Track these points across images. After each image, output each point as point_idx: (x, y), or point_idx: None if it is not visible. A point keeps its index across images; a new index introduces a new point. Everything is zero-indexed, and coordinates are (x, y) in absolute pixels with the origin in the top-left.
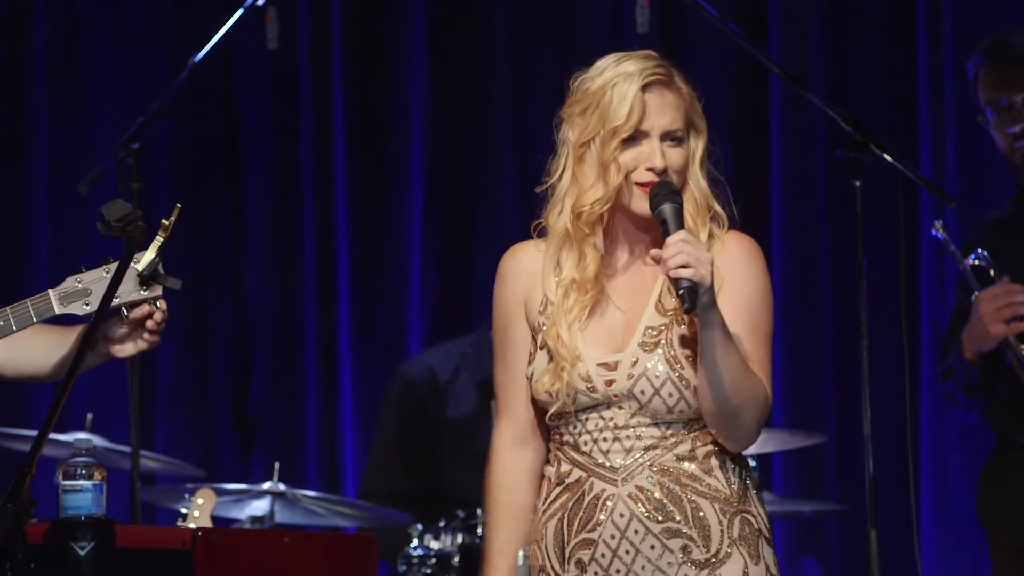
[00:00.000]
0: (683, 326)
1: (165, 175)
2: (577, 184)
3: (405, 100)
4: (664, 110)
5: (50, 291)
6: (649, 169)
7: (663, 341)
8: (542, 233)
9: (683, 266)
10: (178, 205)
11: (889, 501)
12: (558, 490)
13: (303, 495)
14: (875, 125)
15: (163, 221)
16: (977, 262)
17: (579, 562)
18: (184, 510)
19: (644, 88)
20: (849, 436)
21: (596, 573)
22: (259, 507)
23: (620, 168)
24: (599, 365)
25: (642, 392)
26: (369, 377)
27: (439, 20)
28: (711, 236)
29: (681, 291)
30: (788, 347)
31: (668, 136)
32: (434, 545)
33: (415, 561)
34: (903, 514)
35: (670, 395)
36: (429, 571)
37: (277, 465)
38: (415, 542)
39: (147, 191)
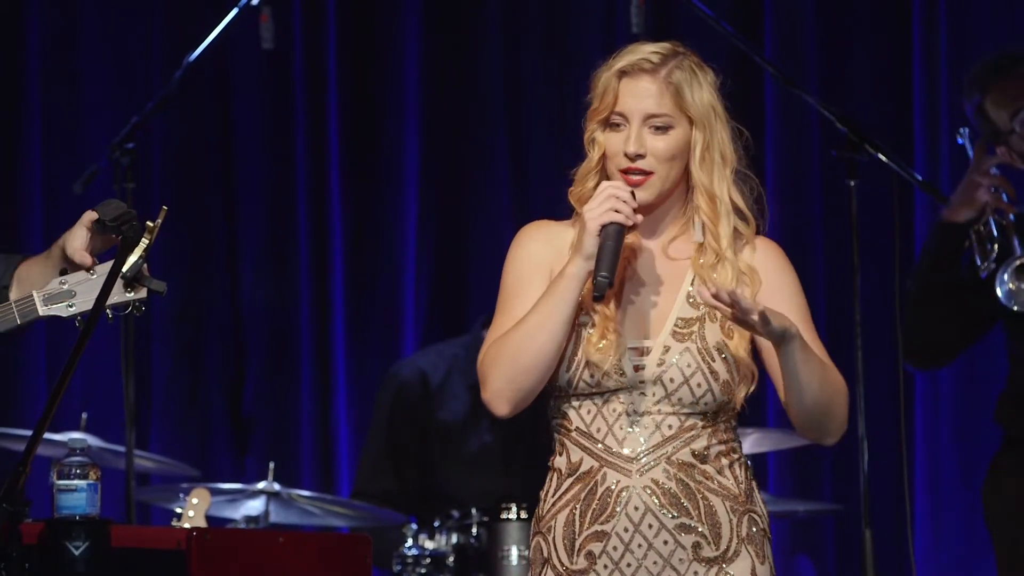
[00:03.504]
0: (715, 321)
1: (160, 175)
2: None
3: (399, 100)
4: (642, 95)
5: (34, 292)
6: (625, 155)
7: (695, 333)
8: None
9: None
10: (164, 208)
11: (883, 501)
12: (569, 480)
13: (298, 495)
14: (870, 125)
15: (148, 223)
16: (963, 141)
17: (589, 554)
18: (179, 510)
19: (625, 74)
20: (844, 436)
21: (606, 566)
22: (254, 507)
23: (598, 147)
24: (630, 349)
25: (671, 380)
26: (363, 377)
27: (433, 20)
28: (738, 235)
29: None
30: None
31: (650, 123)
32: (429, 545)
33: (410, 561)
34: (897, 514)
35: (699, 385)
36: (424, 571)
37: (272, 465)
38: (410, 542)
39: (142, 191)
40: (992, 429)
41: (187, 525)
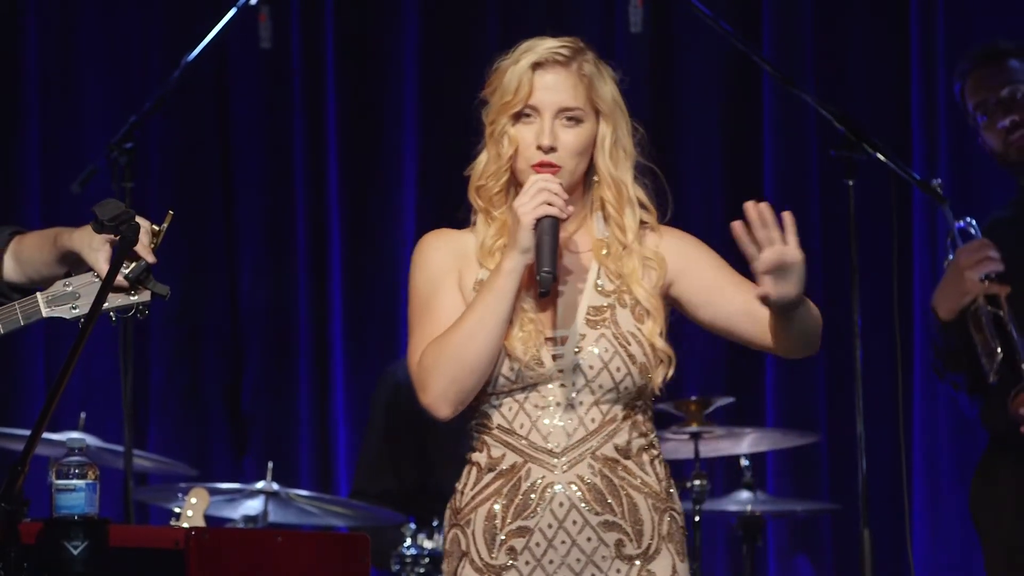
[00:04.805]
0: (626, 308)
1: (158, 174)
2: (487, 162)
3: (398, 100)
4: (556, 88)
5: (38, 294)
6: (538, 148)
7: (608, 320)
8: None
9: None
10: (170, 212)
11: (882, 500)
12: (490, 476)
13: (296, 495)
14: (868, 124)
15: (153, 227)
16: (969, 229)
17: (511, 549)
18: (177, 509)
19: (538, 66)
20: (842, 435)
21: (528, 562)
22: (252, 507)
23: (511, 141)
24: (546, 340)
25: (590, 367)
26: (362, 377)
27: (432, 20)
28: (644, 225)
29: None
30: None
31: (563, 115)
32: (427, 544)
33: (408, 560)
34: (896, 513)
35: (618, 369)
36: (422, 570)
37: (270, 464)
38: (408, 541)
39: (140, 190)
40: None
41: (186, 525)
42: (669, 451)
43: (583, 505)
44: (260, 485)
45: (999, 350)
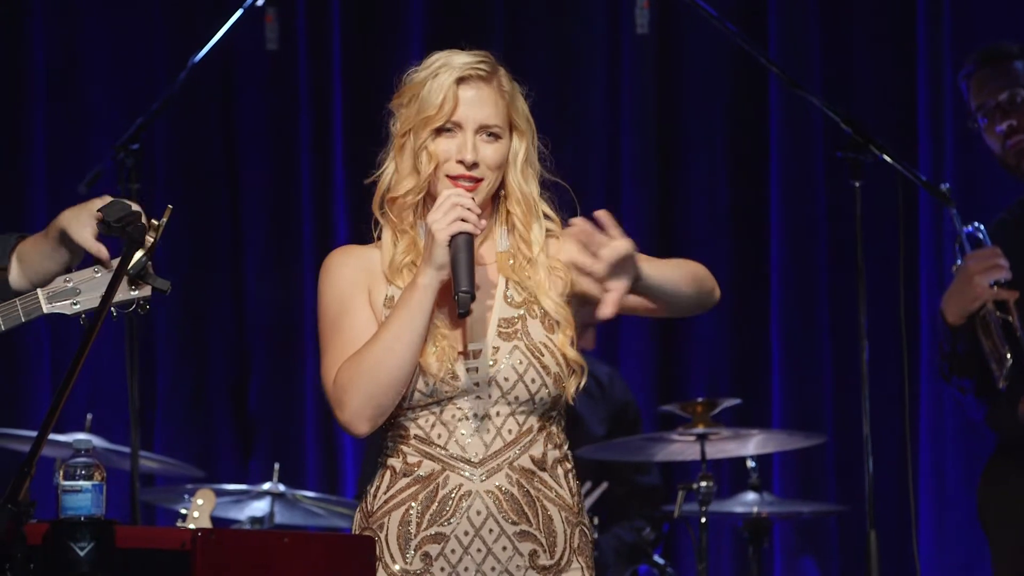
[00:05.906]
0: (536, 318)
1: (164, 176)
2: (397, 174)
3: None
4: (480, 104)
5: (39, 290)
6: (459, 162)
7: (519, 331)
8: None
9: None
10: (169, 206)
11: (888, 502)
12: (405, 480)
13: (303, 496)
14: (874, 126)
15: (153, 221)
16: (977, 234)
17: (426, 555)
18: (184, 511)
19: (461, 81)
20: (848, 437)
21: (443, 568)
22: (259, 508)
23: (431, 157)
24: (459, 354)
25: (506, 379)
26: None
27: (437, 22)
28: (549, 235)
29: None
30: (787, 348)
31: (484, 131)
32: None
33: None
34: (902, 515)
35: (533, 381)
36: None
37: (277, 466)
38: None
39: (146, 191)
40: None
41: (192, 526)
42: (675, 453)
43: (500, 515)
44: (266, 486)
45: (1008, 356)
